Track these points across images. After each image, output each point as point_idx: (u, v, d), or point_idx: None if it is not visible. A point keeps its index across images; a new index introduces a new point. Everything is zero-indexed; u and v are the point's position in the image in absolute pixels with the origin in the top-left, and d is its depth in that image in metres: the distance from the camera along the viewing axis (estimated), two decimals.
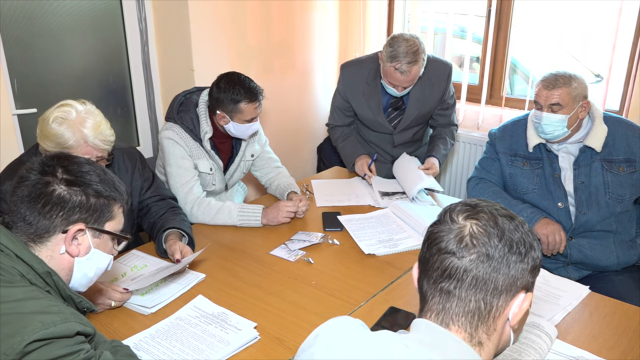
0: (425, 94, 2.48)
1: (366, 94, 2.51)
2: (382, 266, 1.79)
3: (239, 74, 2.09)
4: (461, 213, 0.86)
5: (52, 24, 2.43)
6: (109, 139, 1.65)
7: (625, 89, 2.71)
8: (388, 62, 2.28)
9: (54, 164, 1.12)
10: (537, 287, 1.62)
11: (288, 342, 1.39)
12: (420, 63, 2.27)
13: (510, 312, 0.84)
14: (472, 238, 0.82)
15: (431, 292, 0.85)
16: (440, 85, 2.50)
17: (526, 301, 0.85)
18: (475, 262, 0.81)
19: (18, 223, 1.09)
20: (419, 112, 2.51)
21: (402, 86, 2.36)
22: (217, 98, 2.08)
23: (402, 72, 2.26)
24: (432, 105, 2.53)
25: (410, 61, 2.24)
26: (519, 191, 2.09)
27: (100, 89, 2.71)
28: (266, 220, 2.07)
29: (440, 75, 2.49)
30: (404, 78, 2.29)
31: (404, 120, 2.53)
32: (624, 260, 1.95)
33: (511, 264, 0.82)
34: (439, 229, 0.86)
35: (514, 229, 0.84)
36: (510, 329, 0.87)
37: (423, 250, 0.88)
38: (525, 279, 0.84)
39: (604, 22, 2.69)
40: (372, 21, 3.40)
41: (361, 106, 2.54)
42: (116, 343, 1.21)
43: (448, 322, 0.84)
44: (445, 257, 0.83)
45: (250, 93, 2.05)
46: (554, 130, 1.95)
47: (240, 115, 2.07)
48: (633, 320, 1.47)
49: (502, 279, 0.82)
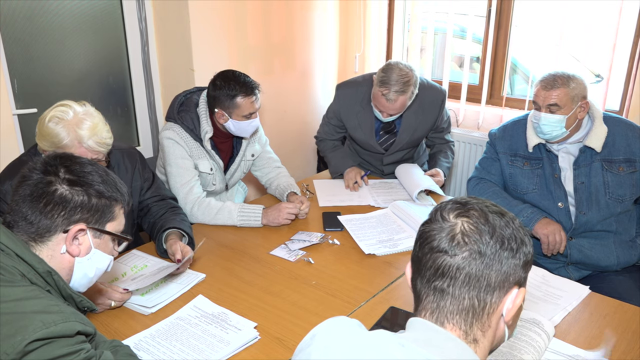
0: (418, 121, 2.50)
1: (360, 116, 2.52)
2: (382, 266, 1.79)
3: (233, 70, 2.10)
4: (452, 211, 0.86)
5: (52, 23, 2.43)
6: (105, 141, 1.63)
7: (626, 89, 2.71)
8: (377, 86, 2.29)
9: (56, 163, 1.13)
10: (537, 287, 1.63)
11: (288, 342, 1.39)
12: (408, 95, 2.27)
13: (504, 308, 0.85)
14: (464, 236, 0.83)
15: (425, 291, 0.86)
16: (433, 113, 2.51)
17: (519, 297, 0.85)
18: (467, 259, 0.82)
19: (19, 222, 1.09)
20: (410, 137, 2.53)
21: (387, 112, 2.35)
22: (214, 96, 2.08)
23: (388, 99, 2.26)
24: (424, 131, 2.56)
25: (398, 90, 2.24)
26: (519, 191, 2.10)
27: (100, 89, 2.71)
28: (266, 220, 2.07)
29: (434, 102, 2.50)
30: (389, 105, 2.29)
31: (396, 145, 2.56)
32: (624, 261, 1.95)
33: (503, 260, 0.82)
34: (431, 227, 0.86)
35: (504, 225, 0.84)
36: (505, 325, 0.87)
37: (415, 250, 0.89)
38: (517, 275, 0.84)
39: (604, 22, 2.69)
40: (372, 21, 3.41)
41: (354, 128, 2.56)
42: (116, 343, 1.21)
43: (443, 320, 0.84)
44: (437, 255, 0.83)
45: (245, 87, 2.05)
46: (552, 131, 1.95)
47: (238, 110, 2.07)
48: (633, 321, 1.48)
49: (495, 275, 0.82)
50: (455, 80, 3.28)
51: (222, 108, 2.08)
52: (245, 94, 2.05)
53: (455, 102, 3.25)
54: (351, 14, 3.52)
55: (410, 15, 3.26)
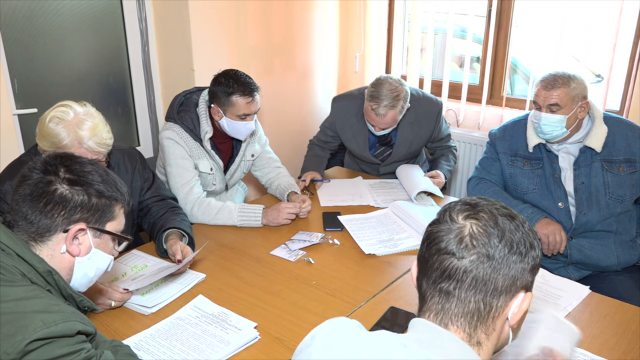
0: (414, 133, 2.51)
1: (354, 129, 2.55)
2: (383, 266, 1.79)
3: (237, 70, 2.11)
4: (461, 212, 0.85)
5: (52, 24, 2.43)
6: (105, 142, 1.63)
7: (626, 89, 2.71)
8: (367, 101, 2.31)
9: (56, 163, 1.13)
10: (537, 287, 1.63)
11: (288, 342, 1.39)
12: (398, 109, 2.28)
13: (509, 312, 0.84)
14: (472, 238, 0.82)
15: (430, 292, 0.85)
16: (429, 125, 2.52)
17: (525, 301, 0.84)
18: (475, 262, 0.81)
19: (19, 222, 1.09)
20: (407, 150, 2.55)
21: (379, 127, 2.37)
22: (212, 91, 2.10)
23: (378, 114, 2.27)
24: (421, 143, 2.57)
25: (387, 105, 2.25)
26: (519, 191, 2.09)
27: (100, 89, 2.71)
28: (266, 220, 2.07)
29: (430, 115, 2.50)
30: (380, 120, 2.30)
31: (392, 157, 2.57)
32: (624, 261, 1.95)
33: (511, 264, 0.81)
34: (439, 228, 0.85)
35: (514, 229, 0.83)
36: (509, 328, 0.87)
37: (422, 250, 0.88)
38: (525, 279, 0.83)
39: (604, 22, 2.69)
40: (372, 21, 3.40)
41: (349, 140, 2.60)
42: (116, 343, 1.21)
43: (447, 322, 0.83)
44: (445, 257, 0.82)
45: (244, 87, 2.05)
46: (553, 131, 1.95)
47: (233, 109, 2.07)
48: (633, 321, 1.47)
49: (502, 279, 0.81)
50: (456, 80, 3.27)
51: (218, 104, 2.09)
52: (243, 93, 2.05)
53: (456, 102, 3.25)
54: (351, 14, 3.52)
55: (411, 15, 3.26)
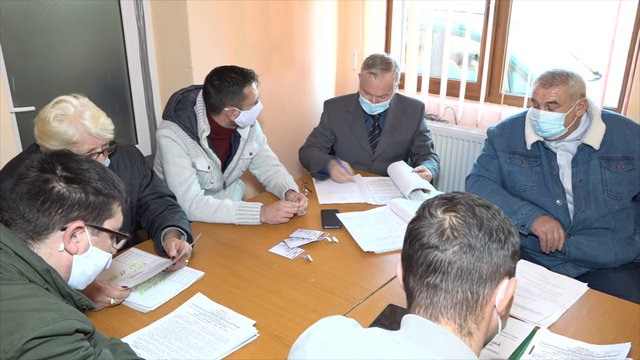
0: (400, 121, 2.69)
1: (349, 121, 2.71)
2: (381, 264, 1.79)
3: (224, 66, 2.15)
4: (439, 207, 0.87)
5: (50, 21, 2.42)
6: (109, 127, 1.67)
7: (624, 87, 2.71)
8: (365, 70, 2.54)
9: (53, 161, 1.12)
10: (535, 284, 1.63)
11: (287, 340, 1.39)
12: (392, 74, 2.52)
13: (496, 299, 0.85)
14: (453, 230, 0.83)
15: (418, 288, 0.86)
16: (414, 117, 2.71)
17: (511, 286, 0.86)
18: (458, 253, 0.82)
19: (17, 220, 1.09)
20: (392, 138, 2.68)
21: (375, 95, 2.53)
22: (219, 98, 2.09)
23: (376, 75, 2.49)
24: (405, 134, 2.71)
25: (384, 68, 2.50)
26: (518, 189, 2.10)
27: (98, 87, 2.70)
28: (265, 218, 2.07)
29: (414, 108, 2.72)
30: (378, 83, 2.50)
31: (380, 145, 2.69)
32: (622, 258, 1.96)
33: (493, 252, 0.83)
34: (419, 224, 0.87)
35: (491, 217, 0.85)
36: (498, 316, 0.88)
37: (405, 248, 0.89)
38: (507, 265, 0.85)
39: (602, 19, 2.69)
40: (370, 19, 3.40)
41: (345, 133, 2.73)
42: (115, 341, 1.21)
43: (437, 315, 0.85)
44: (428, 251, 0.84)
45: (245, 77, 2.12)
46: (551, 128, 1.95)
47: (247, 100, 2.13)
48: (631, 317, 1.48)
49: (486, 267, 0.83)
50: (454, 77, 3.27)
51: (233, 104, 2.10)
52: (248, 82, 2.13)
53: (454, 99, 3.25)
54: (350, 11, 3.51)
55: (409, 13, 3.25)
